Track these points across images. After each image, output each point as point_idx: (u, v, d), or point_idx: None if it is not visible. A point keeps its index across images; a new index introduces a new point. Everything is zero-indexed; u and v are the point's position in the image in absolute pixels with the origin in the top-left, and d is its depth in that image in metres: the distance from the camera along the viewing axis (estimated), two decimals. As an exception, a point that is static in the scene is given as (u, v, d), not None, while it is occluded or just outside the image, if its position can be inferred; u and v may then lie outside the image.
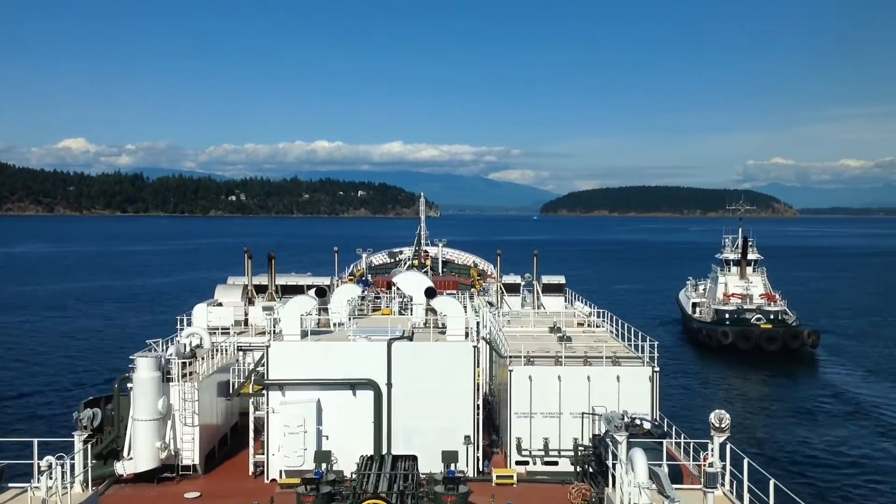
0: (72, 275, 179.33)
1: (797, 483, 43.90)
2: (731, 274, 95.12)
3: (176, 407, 32.39)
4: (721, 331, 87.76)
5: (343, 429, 32.17)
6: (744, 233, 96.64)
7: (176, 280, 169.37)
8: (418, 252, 77.46)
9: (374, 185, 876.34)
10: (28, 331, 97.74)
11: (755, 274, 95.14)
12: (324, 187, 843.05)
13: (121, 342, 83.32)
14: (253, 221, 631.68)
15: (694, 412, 57.87)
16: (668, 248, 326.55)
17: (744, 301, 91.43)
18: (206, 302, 45.66)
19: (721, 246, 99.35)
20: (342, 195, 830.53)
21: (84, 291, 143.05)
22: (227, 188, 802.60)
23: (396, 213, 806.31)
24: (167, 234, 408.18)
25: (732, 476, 26.97)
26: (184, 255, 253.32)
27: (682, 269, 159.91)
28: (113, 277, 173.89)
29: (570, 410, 33.14)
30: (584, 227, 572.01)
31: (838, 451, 52.52)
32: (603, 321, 44.89)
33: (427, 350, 32.99)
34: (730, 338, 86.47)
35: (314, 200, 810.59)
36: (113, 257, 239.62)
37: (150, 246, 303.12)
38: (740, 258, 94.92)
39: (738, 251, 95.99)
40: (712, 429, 26.48)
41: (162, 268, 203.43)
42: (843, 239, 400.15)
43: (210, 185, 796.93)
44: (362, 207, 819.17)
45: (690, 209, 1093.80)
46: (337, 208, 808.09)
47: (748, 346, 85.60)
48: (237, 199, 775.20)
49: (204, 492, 30.86)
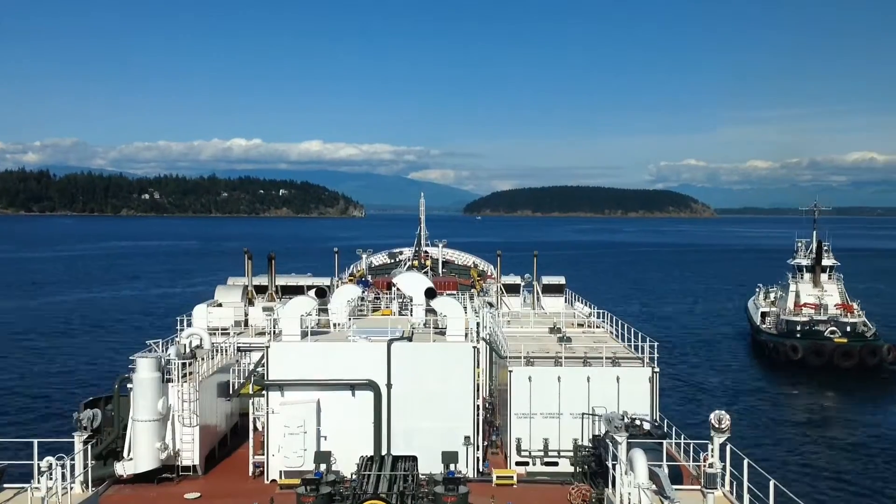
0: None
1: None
2: (804, 281, 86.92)
3: (176, 407, 32.37)
4: (790, 345, 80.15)
5: (343, 429, 32.15)
6: (818, 237, 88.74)
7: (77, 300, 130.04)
8: (418, 253, 77.49)
9: (297, 184, 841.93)
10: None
11: (830, 281, 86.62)
12: (243, 185, 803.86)
13: (121, 342, 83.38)
14: (169, 221, 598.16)
15: (763, 437, 55.11)
16: (672, 251, 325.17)
17: (817, 311, 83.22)
18: (207, 302, 45.71)
19: (793, 250, 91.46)
20: (263, 194, 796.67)
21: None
22: (139, 186, 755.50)
23: (320, 212, 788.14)
24: (74, 235, 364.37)
25: (732, 477, 27.01)
26: (92, 262, 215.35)
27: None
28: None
29: (569, 411, 33.15)
30: (535, 229, 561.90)
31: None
32: (603, 322, 44.91)
33: (427, 350, 32.99)
34: (799, 353, 79.04)
35: (233, 199, 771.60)
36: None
37: (52, 251, 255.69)
38: (814, 264, 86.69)
39: (811, 256, 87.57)
40: (712, 429, 26.50)
41: (62, 283, 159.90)
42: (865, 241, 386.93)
43: (122, 182, 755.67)
44: (284, 207, 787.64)
45: (612, 209, 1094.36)
46: (258, 207, 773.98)
47: (820, 362, 77.85)
48: (151, 198, 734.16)
49: (204, 492, 30.84)
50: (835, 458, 51.12)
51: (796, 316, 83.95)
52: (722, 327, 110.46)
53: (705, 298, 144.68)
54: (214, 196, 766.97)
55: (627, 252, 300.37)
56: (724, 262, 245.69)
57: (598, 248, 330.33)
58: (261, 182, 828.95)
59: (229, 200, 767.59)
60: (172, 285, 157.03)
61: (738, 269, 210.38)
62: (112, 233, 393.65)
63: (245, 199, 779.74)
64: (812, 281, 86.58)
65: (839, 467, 49.26)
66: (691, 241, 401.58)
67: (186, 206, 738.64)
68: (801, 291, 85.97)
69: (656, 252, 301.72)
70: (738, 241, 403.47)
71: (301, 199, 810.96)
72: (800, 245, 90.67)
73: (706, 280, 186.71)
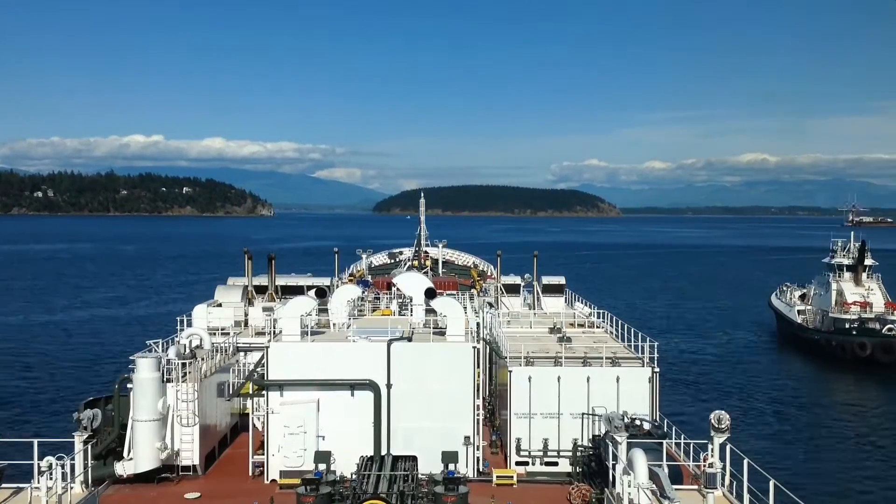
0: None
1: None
2: (846, 280, 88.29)
3: (176, 407, 32.40)
4: (857, 342, 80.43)
5: (343, 429, 32.15)
6: (857, 237, 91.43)
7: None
8: (418, 253, 77.52)
9: (201, 182, 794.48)
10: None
11: (870, 280, 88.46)
12: (144, 183, 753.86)
13: (122, 342, 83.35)
14: (64, 220, 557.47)
15: (763, 437, 54.68)
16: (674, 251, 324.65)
17: (863, 310, 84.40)
18: (207, 302, 45.72)
19: (830, 250, 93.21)
20: (165, 192, 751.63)
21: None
22: (31, 183, 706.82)
23: (227, 211, 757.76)
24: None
25: (732, 476, 27.02)
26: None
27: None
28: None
29: (569, 411, 33.15)
30: (458, 228, 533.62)
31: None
32: (603, 322, 44.90)
33: (426, 351, 32.99)
34: (868, 349, 79.26)
35: (133, 197, 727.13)
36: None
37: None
38: (856, 263, 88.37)
39: (852, 256, 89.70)
40: (712, 429, 26.53)
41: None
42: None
43: (13, 179, 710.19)
44: (188, 205, 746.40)
45: (521, 209, 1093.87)
46: (160, 206, 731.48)
47: (889, 359, 78.44)
48: (44, 196, 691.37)
49: (204, 492, 30.86)
50: (835, 458, 51.13)
51: (845, 314, 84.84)
52: (725, 325, 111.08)
53: (703, 297, 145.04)
54: (113, 194, 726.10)
55: (583, 254, 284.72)
56: (690, 263, 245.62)
57: (549, 248, 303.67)
58: (162, 179, 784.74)
59: (129, 198, 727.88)
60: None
61: (702, 269, 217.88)
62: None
63: (146, 197, 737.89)
64: (853, 280, 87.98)
65: (839, 467, 49.28)
66: (637, 241, 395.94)
67: (83, 205, 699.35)
68: (845, 290, 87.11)
69: (622, 254, 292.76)
70: (679, 241, 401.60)
71: (206, 198, 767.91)
72: (836, 244, 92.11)
73: (689, 278, 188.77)
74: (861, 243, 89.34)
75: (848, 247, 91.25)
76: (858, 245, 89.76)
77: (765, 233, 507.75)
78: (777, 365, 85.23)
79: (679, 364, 79.46)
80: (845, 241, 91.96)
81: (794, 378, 77.96)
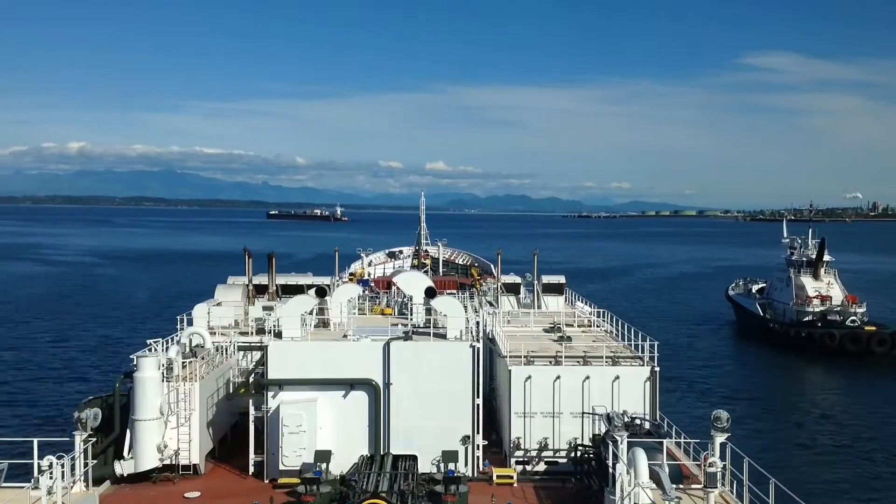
0: None
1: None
2: (807, 275, 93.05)
3: (176, 407, 32.41)
4: (826, 333, 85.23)
5: (342, 429, 32.17)
6: (815, 234, 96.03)
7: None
8: (418, 252, 77.51)
9: None
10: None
11: (827, 275, 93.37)
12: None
13: (122, 342, 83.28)
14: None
15: (763, 436, 54.81)
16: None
17: (823, 303, 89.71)
18: (207, 302, 45.67)
19: (788, 246, 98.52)
20: None
21: None
22: None
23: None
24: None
25: (732, 476, 27.01)
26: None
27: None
28: None
29: (569, 410, 33.15)
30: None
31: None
32: (602, 321, 44.88)
33: (426, 350, 32.97)
34: (836, 340, 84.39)
35: None
36: None
37: None
38: (816, 259, 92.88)
39: (807, 253, 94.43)
40: (712, 428, 26.50)
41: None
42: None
43: None
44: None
45: None
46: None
47: (857, 349, 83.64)
48: None
49: (204, 492, 30.86)
50: (835, 458, 51.09)
51: (808, 307, 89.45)
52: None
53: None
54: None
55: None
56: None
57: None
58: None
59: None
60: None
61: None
62: None
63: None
64: (813, 275, 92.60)
65: (840, 466, 49.23)
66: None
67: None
68: (807, 284, 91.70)
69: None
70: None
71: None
72: (797, 241, 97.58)
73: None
74: (822, 240, 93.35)
75: (806, 242, 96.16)
76: (818, 242, 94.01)
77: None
78: (745, 357, 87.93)
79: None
80: (804, 238, 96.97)
81: (765, 369, 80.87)
